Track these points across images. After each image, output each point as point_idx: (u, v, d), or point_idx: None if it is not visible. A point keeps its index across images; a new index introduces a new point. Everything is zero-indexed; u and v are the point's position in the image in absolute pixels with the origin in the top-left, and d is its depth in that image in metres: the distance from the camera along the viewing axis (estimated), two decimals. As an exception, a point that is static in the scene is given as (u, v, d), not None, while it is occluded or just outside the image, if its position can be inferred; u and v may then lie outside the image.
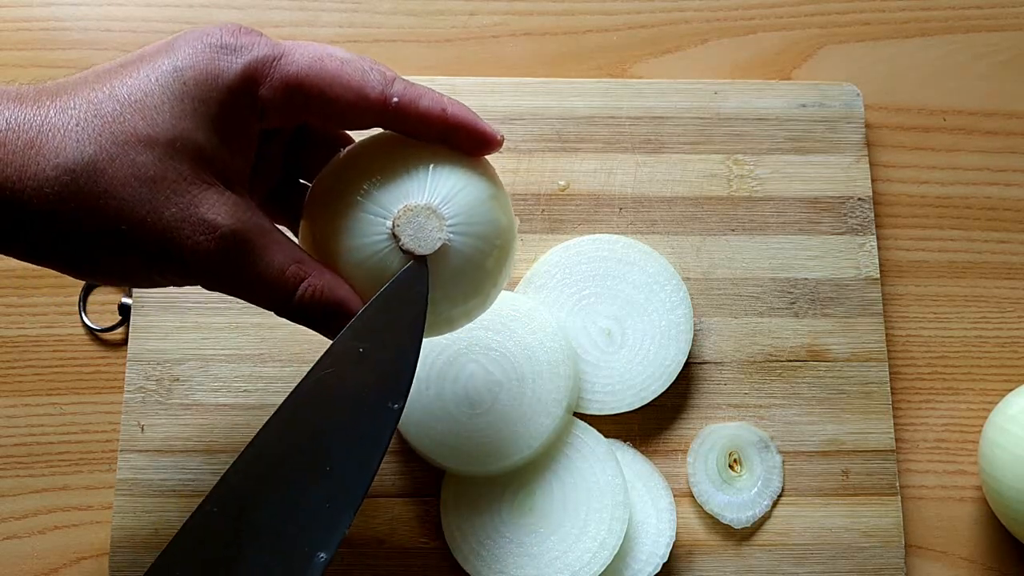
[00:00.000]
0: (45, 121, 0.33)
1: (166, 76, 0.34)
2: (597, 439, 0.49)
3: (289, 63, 0.36)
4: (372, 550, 0.49)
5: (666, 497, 0.49)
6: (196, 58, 0.35)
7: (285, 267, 0.36)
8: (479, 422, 0.48)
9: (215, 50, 0.35)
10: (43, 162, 0.32)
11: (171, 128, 0.34)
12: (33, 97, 0.33)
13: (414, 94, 0.38)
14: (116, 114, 0.33)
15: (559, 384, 0.48)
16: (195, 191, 0.34)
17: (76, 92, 0.34)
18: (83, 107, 0.33)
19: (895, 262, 0.55)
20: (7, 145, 0.32)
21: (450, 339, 0.49)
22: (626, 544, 0.47)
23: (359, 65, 0.37)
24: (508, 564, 0.47)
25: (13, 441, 0.51)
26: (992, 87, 0.58)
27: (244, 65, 0.35)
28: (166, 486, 0.49)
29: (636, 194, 0.54)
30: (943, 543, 0.51)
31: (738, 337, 0.52)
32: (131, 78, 0.34)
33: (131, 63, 0.35)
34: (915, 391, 0.53)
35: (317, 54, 0.37)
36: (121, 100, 0.33)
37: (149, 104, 0.34)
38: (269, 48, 0.36)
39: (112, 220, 0.33)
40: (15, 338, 0.52)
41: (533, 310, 0.50)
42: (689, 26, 0.59)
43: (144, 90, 0.34)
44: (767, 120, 0.55)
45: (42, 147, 0.32)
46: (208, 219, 0.34)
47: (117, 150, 0.33)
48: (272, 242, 0.36)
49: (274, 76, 0.36)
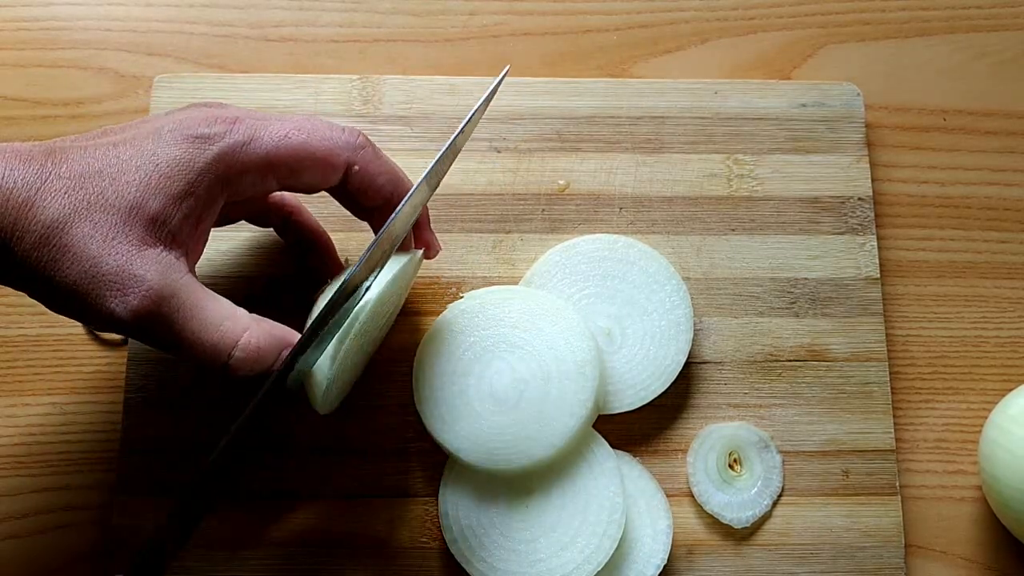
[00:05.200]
0: (43, 185, 0.38)
1: (144, 160, 0.39)
2: (607, 452, 0.49)
3: (258, 147, 0.41)
4: (372, 550, 0.49)
5: (665, 519, 0.49)
6: (174, 149, 0.40)
7: (219, 323, 0.40)
8: (503, 419, 0.48)
9: (191, 141, 0.40)
10: (32, 218, 0.37)
11: (132, 199, 0.39)
12: (38, 157, 0.38)
13: (374, 170, 0.43)
14: (94, 184, 0.38)
15: (585, 385, 0.48)
16: (135, 250, 0.38)
17: (72, 159, 0.39)
18: (74, 177, 0.38)
19: (895, 262, 0.55)
20: (10, 202, 0.37)
21: (477, 336, 0.49)
22: (616, 558, 0.47)
23: (324, 133, 0.42)
24: (507, 563, 0.47)
25: (13, 441, 0.51)
26: (992, 87, 0.58)
27: (215, 154, 0.40)
28: (166, 486, 0.49)
29: (636, 194, 0.54)
30: (943, 543, 0.51)
31: (738, 337, 0.52)
32: (116, 157, 0.39)
33: (124, 142, 0.40)
34: (915, 391, 0.53)
35: (284, 132, 0.42)
36: (102, 174, 0.39)
37: (122, 180, 0.39)
38: (240, 134, 0.41)
39: (65, 269, 0.38)
40: (15, 338, 0.52)
41: (561, 308, 0.50)
42: (689, 26, 0.59)
43: (122, 168, 0.39)
44: (767, 120, 0.56)
45: (34, 206, 0.37)
46: (138, 275, 0.38)
47: (86, 212, 0.38)
48: (204, 300, 0.40)
49: (245, 162, 0.41)
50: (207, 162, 0.40)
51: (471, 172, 0.54)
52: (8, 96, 0.56)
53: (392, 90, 0.55)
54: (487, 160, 0.54)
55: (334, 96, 0.55)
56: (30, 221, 0.37)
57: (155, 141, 0.40)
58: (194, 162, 0.40)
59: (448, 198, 0.53)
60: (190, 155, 0.40)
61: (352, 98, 0.55)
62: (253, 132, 0.41)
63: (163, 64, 0.57)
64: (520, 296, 0.50)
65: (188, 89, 0.54)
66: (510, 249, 0.53)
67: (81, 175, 0.38)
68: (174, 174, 0.39)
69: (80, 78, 0.57)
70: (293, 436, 0.50)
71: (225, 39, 0.58)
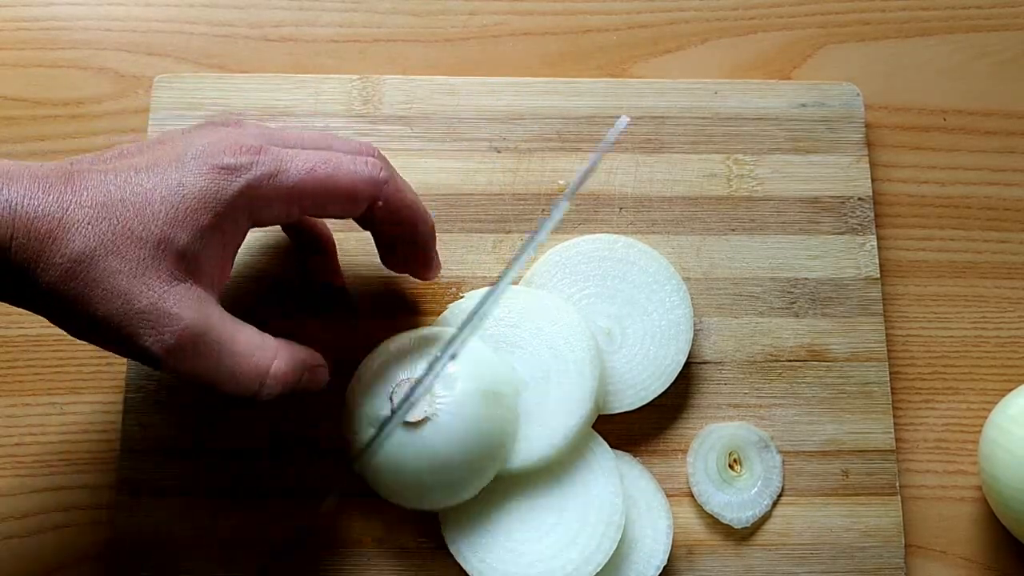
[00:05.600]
0: (65, 215, 0.37)
1: (170, 190, 0.39)
2: (606, 452, 0.49)
3: (284, 180, 0.41)
4: (372, 550, 0.49)
5: (665, 519, 0.49)
6: (200, 179, 0.39)
7: (251, 354, 0.40)
8: None
9: (217, 171, 0.40)
10: (56, 250, 0.37)
11: (160, 232, 0.38)
12: (57, 184, 0.38)
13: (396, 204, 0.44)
14: (120, 215, 0.38)
15: (584, 383, 0.48)
16: (167, 286, 0.38)
17: (93, 186, 0.38)
18: (96, 206, 0.38)
19: (895, 262, 0.55)
20: (32, 233, 0.37)
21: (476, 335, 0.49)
22: (616, 558, 0.47)
23: (349, 168, 0.42)
24: (507, 563, 0.47)
25: (13, 441, 0.51)
26: (992, 87, 0.58)
27: (243, 185, 0.40)
28: (166, 486, 0.49)
29: (636, 194, 0.54)
30: (943, 543, 0.51)
31: (738, 337, 0.52)
32: (140, 185, 0.39)
33: (145, 168, 0.39)
34: (915, 391, 0.53)
35: (310, 164, 0.41)
36: (126, 203, 0.38)
37: (149, 211, 0.38)
38: (267, 167, 0.40)
39: (95, 305, 0.38)
40: (15, 338, 0.52)
41: (561, 307, 0.50)
42: (689, 26, 0.59)
43: (148, 199, 0.39)
44: (767, 120, 0.56)
45: (58, 238, 0.37)
46: (172, 312, 0.38)
47: (113, 246, 0.38)
48: (236, 333, 0.40)
49: (271, 194, 0.41)
50: (233, 195, 0.40)
51: (471, 172, 0.54)
52: (8, 96, 0.56)
53: (392, 90, 0.55)
54: (487, 160, 0.54)
55: (334, 96, 0.55)
56: (55, 254, 0.37)
57: (179, 169, 0.39)
58: (221, 194, 0.39)
59: (448, 198, 0.53)
60: (217, 186, 0.39)
61: (352, 98, 0.55)
62: (279, 164, 0.41)
63: (163, 64, 0.57)
64: (520, 296, 0.50)
65: (188, 89, 0.54)
66: (510, 249, 0.53)
67: (103, 204, 0.38)
68: (201, 207, 0.39)
69: (80, 78, 0.57)
70: (293, 436, 0.50)
71: (225, 39, 0.58)
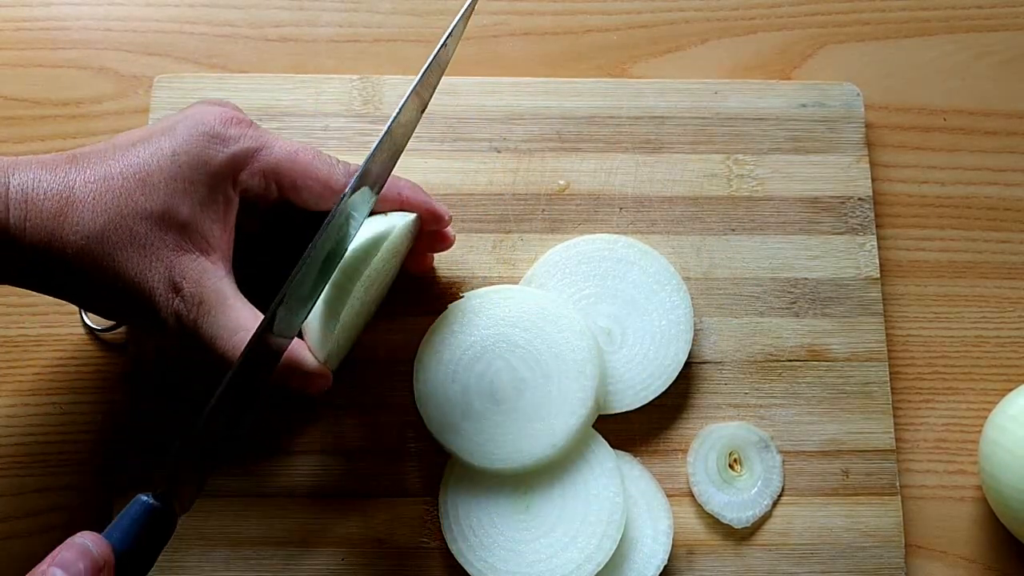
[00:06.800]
0: (71, 193, 0.40)
1: (165, 159, 0.41)
2: (607, 452, 0.49)
3: (268, 155, 0.43)
4: (372, 550, 0.49)
5: (666, 519, 0.49)
6: (190, 144, 0.41)
7: (235, 332, 0.41)
8: (503, 418, 0.48)
9: (207, 138, 0.42)
10: (68, 229, 0.39)
11: (163, 204, 0.41)
12: (62, 165, 0.40)
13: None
14: (123, 189, 0.40)
15: (585, 384, 0.48)
16: (173, 257, 0.41)
17: (95, 164, 0.41)
18: (99, 182, 0.40)
19: (895, 262, 0.55)
20: (42, 212, 0.39)
21: (477, 335, 0.49)
22: (616, 558, 0.47)
23: (327, 160, 0.45)
24: (507, 563, 0.47)
25: (13, 441, 0.51)
26: (992, 87, 0.58)
27: (230, 155, 0.42)
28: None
29: (636, 194, 0.54)
30: (943, 543, 0.51)
31: (738, 337, 0.52)
32: (137, 157, 0.41)
33: (140, 141, 0.42)
34: (915, 391, 0.53)
35: (293, 148, 0.44)
36: (127, 177, 0.40)
37: (149, 183, 0.40)
38: (252, 141, 0.43)
39: (111, 278, 0.40)
40: (15, 338, 0.52)
41: (562, 308, 0.50)
42: (689, 26, 0.59)
43: (147, 169, 0.41)
44: (767, 120, 0.56)
45: (68, 216, 0.39)
46: (175, 282, 0.40)
47: (121, 220, 0.40)
48: (229, 308, 0.41)
49: (254, 165, 0.43)
50: (222, 163, 0.42)
51: (471, 172, 0.54)
52: (8, 96, 0.56)
53: (392, 90, 0.55)
54: (487, 160, 0.54)
55: (334, 96, 0.55)
56: (66, 232, 0.39)
57: (171, 139, 0.42)
58: (210, 161, 0.42)
59: (448, 198, 0.53)
60: (207, 153, 0.42)
61: (352, 98, 0.55)
62: (265, 141, 0.43)
63: (163, 64, 0.57)
64: (520, 296, 0.50)
65: (188, 89, 0.54)
66: (510, 249, 0.53)
67: (104, 178, 0.40)
68: (196, 176, 0.41)
69: (80, 78, 0.57)
70: (293, 436, 0.50)
71: (225, 39, 0.58)
